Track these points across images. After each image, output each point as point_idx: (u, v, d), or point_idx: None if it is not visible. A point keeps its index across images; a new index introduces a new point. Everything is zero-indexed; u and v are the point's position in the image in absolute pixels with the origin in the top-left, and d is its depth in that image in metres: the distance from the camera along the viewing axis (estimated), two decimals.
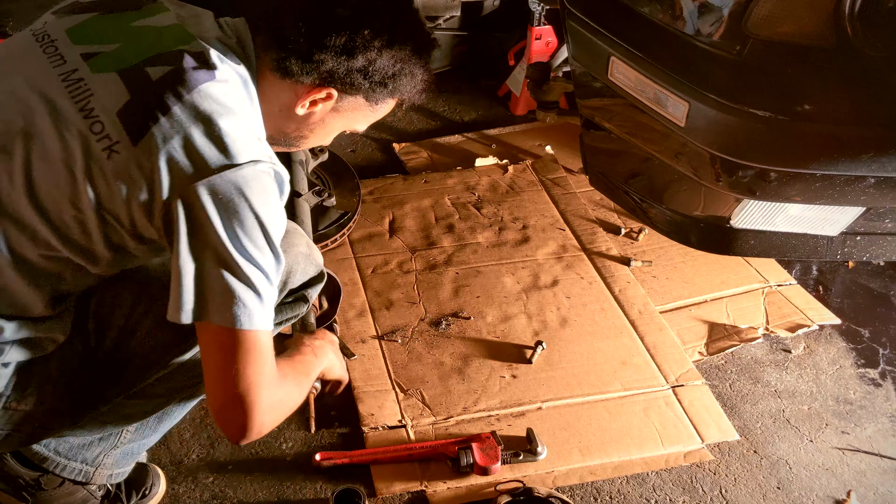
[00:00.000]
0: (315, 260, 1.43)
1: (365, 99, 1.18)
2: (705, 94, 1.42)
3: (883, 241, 1.64)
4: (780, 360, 1.93)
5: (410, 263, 2.16)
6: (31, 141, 1.07)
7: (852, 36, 1.29)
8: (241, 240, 1.04)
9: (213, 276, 1.04)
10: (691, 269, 2.18)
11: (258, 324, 1.07)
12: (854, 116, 1.39)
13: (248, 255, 1.05)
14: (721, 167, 1.49)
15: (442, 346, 1.90)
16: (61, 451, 1.37)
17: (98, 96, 1.07)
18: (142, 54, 1.10)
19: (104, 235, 1.09)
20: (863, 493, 1.62)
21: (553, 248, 2.23)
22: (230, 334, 1.06)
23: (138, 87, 1.08)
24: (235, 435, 1.10)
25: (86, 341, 1.21)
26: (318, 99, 1.16)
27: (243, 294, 1.05)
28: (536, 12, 2.75)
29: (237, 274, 1.04)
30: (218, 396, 1.09)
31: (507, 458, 1.61)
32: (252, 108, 1.14)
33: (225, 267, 1.04)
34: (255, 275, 1.05)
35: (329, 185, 2.28)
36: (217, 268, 1.04)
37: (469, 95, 3.06)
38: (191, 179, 1.03)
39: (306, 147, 1.30)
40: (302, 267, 1.39)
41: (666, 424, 1.72)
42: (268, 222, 1.06)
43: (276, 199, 1.09)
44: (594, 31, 1.63)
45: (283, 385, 1.17)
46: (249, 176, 1.04)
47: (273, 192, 1.09)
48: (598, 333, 1.96)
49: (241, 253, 1.04)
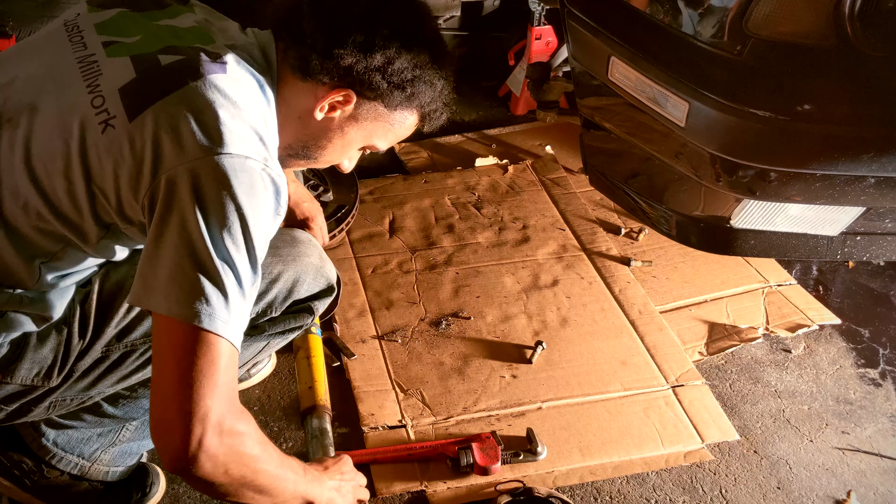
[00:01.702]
0: (326, 273, 1.42)
1: (384, 106, 1.18)
2: (705, 94, 1.42)
3: (883, 241, 1.64)
4: (780, 360, 1.93)
5: (410, 263, 2.16)
6: (36, 114, 1.09)
7: (852, 36, 1.29)
8: (217, 231, 0.99)
9: (181, 265, 0.99)
10: (691, 269, 2.18)
11: (221, 329, 0.99)
12: (854, 116, 1.39)
13: (221, 251, 1.00)
14: (721, 167, 1.49)
15: (442, 346, 1.90)
16: (60, 442, 1.37)
17: (106, 75, 1.09)
18: (158, 45, 1.12)
19: (93, 211, 1.09)
20: (863, 493, 1.61)
21: (553, 248, 2.23)
22: (187, 331, 0.98)
23: (145, 69, 1.09)
24: (170, 454, 0.98)
25: (83, 327, 1.21)
26: (336, 103, 1.15)
27: (209, 291, 0.98)
28: (536, 12, 2.75)
29: (206, 267, 0.99)
30: (159, 403, 0.99)
31: (507, 458, 1.61)
32: (263, 110, 1.12)
33: (194, 257, 0.99)
34: (225, 274, 1.00)
35: (327, 182, 2.29)
36: (187, 256, 0.99)
37: (469, 95, 3.06)
38: (177, 161, 1.01)
39: (326, 161, 1.27)
40: (311, 278, 1.38)
41: (666, 424, 1.72)
42: (251, 221, 1.02)
43: (265, 202, 1.05)
44: (594, 30, 1.63)
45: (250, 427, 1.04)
46: (237, 167, 1.02)
47: (262, 194, 1.04)
48: (598, 333, 1.96)
49: (215, 246, 0.99)
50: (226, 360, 1.00)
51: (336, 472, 1.36)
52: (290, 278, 1.36)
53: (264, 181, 1.05)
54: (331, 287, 1.42)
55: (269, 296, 1.36)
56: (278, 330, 1.40)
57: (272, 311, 1.38)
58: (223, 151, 1.02)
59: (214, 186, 1.00)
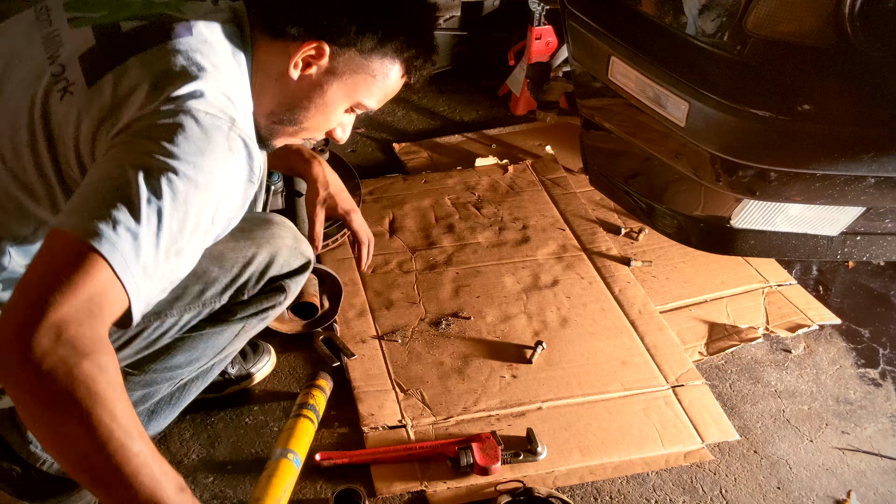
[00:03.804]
0: (303, 252, 1.39)
1: (360, 55, 1.15)
2: (705, 94, 1.42)
3: (883, 241, 1.64)
4: (780, 360, 1.93)
5: (410, 263, 2.16)
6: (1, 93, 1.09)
7: (852, 35, 1.29)
8: (157, 175, 0.92)
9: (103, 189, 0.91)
10: (691, 269, 2.18)
11: (117, 263, 0.87)
12: (854, 116, 1.39)
13: (155, 193, 0.91)
14: (721, 167, 1.49)
15: (442, 346, 1.90)
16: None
17: (66, 45, 1.09)
18: (122, 15, 1.10)
19: (62, 184, 1.08)
20: (863, 493, 1.61)
21: (553, 248, 2.23)
22: (76, 244, 0.87)
23: (106, 36, 1.08)
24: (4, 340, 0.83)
25: None
26: (309, 57, 1.13)
27: (121, 220, 0.88)
28: (536, 12, 2.75)
29: (131, 200, 0.90)
30: (13, 296, 0.87)
31: (507, 458, 1.61)
32: (233, 73, 1.09)
33: (123, 190, 0.90)
34: (147, 216, 0.90)
35: None
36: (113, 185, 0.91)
37: (469, 95, 3.06)
38: (135, 118, 0.98)
39: (314, 126, 1.22)
40: (285, 258, 1.35)
41: (666, 424, 1.72)
42: (201, 180, 0.94)
43: (233, 165, 0.99)
44: (594, 31, 1.63)
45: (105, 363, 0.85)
46: (202, 122, 0.97)
47: (226, 156, 0.98)
48: (598, 333, 1.96)
49: (150, 186, 0.91)
50: (105, 290, 0.87)
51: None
52: (263, 260, 1.33)
53: (232, 142, 1.01)
54: (307, 263, 1.39)
55: (243, 278, 1.32)
56: (250, 312, 1.36)
57: (246, 293, 1.34)
58: (185, 108, 0.98)
59: (168, 136, 0.95)
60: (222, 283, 1.30)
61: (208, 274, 1.28)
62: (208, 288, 1.29)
